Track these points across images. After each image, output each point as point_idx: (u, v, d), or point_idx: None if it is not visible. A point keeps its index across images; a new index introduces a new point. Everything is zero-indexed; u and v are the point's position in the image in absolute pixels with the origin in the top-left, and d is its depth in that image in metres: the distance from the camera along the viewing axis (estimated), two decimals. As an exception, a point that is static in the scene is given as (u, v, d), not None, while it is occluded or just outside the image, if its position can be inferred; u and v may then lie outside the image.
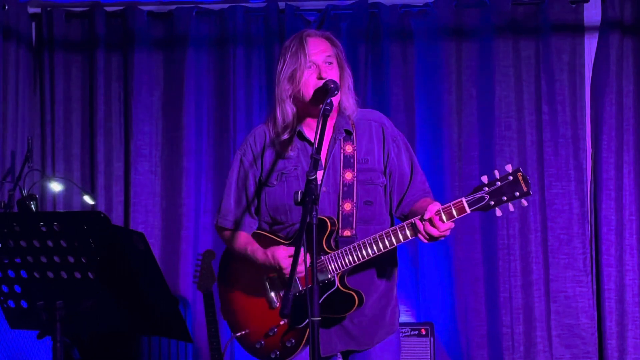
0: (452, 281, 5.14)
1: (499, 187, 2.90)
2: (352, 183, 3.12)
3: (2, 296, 2.77)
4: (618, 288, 5.07)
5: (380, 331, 3.21)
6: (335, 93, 3.00)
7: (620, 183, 5.09)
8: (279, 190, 3.17)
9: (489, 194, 2.91)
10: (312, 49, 3.08)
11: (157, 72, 5.36)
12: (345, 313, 3.09)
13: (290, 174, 3.16)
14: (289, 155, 3.17)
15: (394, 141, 3.23)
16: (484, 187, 2.93)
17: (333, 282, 3.06)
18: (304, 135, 3.16)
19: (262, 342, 3.18)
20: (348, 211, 3.11)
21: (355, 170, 3.14)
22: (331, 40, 3.15)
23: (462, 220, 5.01)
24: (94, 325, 2.81)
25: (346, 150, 3.15)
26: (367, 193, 3.15)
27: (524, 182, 2.89)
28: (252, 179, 3.25)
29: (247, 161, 3.26)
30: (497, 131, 5.14)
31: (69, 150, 5.36)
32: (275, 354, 3.15)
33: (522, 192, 2.89)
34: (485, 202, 2.92)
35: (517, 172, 2.90)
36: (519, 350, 5.10)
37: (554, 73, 5.16)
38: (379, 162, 3.19)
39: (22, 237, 2.61)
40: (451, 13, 5.19)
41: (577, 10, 5.17)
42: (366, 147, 3.19)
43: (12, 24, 5.19)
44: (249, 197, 3.26)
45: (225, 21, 5.27)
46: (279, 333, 3.14)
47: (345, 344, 3.19)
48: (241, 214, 3.28)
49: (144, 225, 5.25)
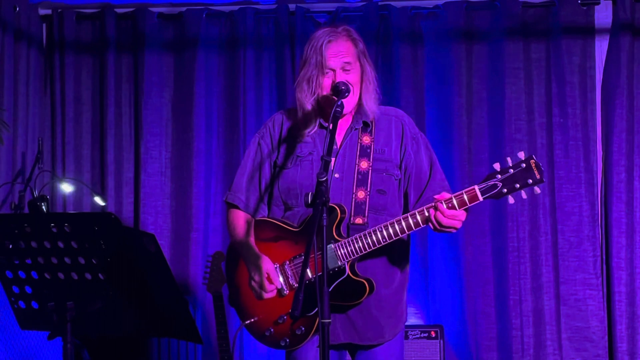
0: (461, 283, 5.13)
1: (511, 174, 2.89)
2: (367, 172, 3.14)
3: (13, 297, 2.78)
4: (628, 291, 5.05)
5: (387, 329, 3.21)
6: (345, 95, 3.03)
7: (631, 186, 5.07)
8: (292, 173, 3.20)
9: (501, 182, 2.90)
10: (330, 55, 3.10)
11: (168, 74, 5.37)
12: (355, 301, 3.08)
13: (305, 157, 3.20)
14: (306, 140, 3.21)
15: (414, 139, 3.25)
16: (496, 175, 2.91)
17: (343, 269, 3.06)
18: (323, 124, 3.20)
19: (272, 329, 3.18)
20: (361, 199, 3.12)
21: (372, 160, 3.15)
22: (353, 39, 3.17)
23: (471, 223, 5.09)
24: (104, 327, 2.81)
25: (364, 141, 3.18)
26: (381, 182, 3.16)
27: (537, 170, 2.87)
28: (267, 162, 3.28)
29: (265, 144, 3.30)
30: (507, 133, 5.13)
31: (79, 152, 5.37)
32: (285, 342, 3.15)
33: (535, 180, 2.87)
34: (497, 189, 2.90)
35: (529, 159, 2.89)
36: (528, 353, 5.08)
37: (564, 75, 5.14)
38: (395, 155, 3.20)
39: (33, 238, 2.62)
40: (461, 15, 5.18)
41: (587, 13, 5.15)
42: (384, 139, 3.21)
43: (23, 26, 5.21)
44: (263, 179, 3.29)
45: (235, 23, 5.28)
46: (289, 321, 3.14)
47: (350, 336, 3.18)
48: (251, 195, 3.30)
49: (154, 227, 5.26)
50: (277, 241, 3.20)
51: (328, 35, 3.13)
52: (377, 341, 3.21)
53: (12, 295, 2.78)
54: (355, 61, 3.14)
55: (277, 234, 3.21)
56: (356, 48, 3.16)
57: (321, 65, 3.09)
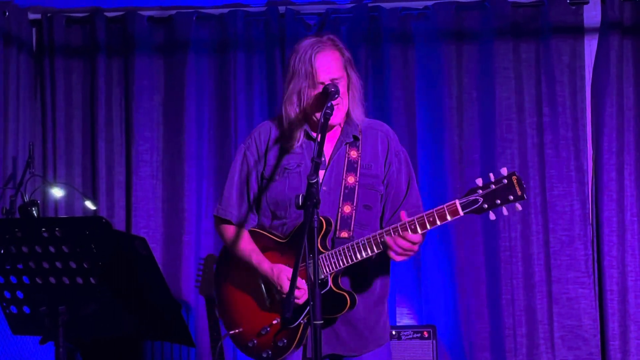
0: (454, 283, 5.14)
1: (492, 190, 2.89)
2: (354, 187, 3.14)
3: (5, 302, 2.78)
4: (620, 289, 5.06)
5: (371, 340, 3.22)
6: (335, 97, 3.01)
7: (621, 184, 5.09)
8: (280, 185, 3.20)
9: (482, 197, 2.90)
10: (320, 68, 3.08)
11: (158, 77, 5.36)
12: (337, 314, 3.09)
13: (292, 170, 3.19)
14: (294, 151, 3.20)
15: (397, 155, 3.26)
16: (478, 190, 2.92)
17: (326, 282, 3.06)
18: (310, 134, 3.19)
19: (255, 341, 3.18)
20: (347, 213, 3.12)
21: (358, 175, 3.15)
22: (339, 49, 3.16)
23: (463, 223, 5.10)
24: (96, 331, 2.81)
25: (351, 156, 3.18)
26: (367, 197, 3.17)
27: (518, 186, 2.87)
28: (254, 174, 3.27)
29: (251, 155, 3.28)
30: (498, 133, 5.14)
31: (70, 156, 5.36)
32: (267, 354, 3.15)
33: (517, 196, 2.87)
34: (478, 204, 2.91)
35: (512, 176, 2.89)
36: (521, 352, 5.09)
37: (554, 75, 5.16)
38: (381, 171, 3.21)
39: (24, 243, 2.62)
40: (451, 16, 5.19)
41: (577, 12, 5.17)
42: (371, 154, 3.22)
43: (12, 30, 5.20)
44: (251, 191, 3.28)
45: (225, 26, 5.28)
46: (272, 332, 3.15)
47: (332, 347, 3.18)
48: (242, 209, 3.29)
49: (146, 230, 5.25)
50: (264, 252, 3.21)
51: (315, 47, 3.10)
52: (360, 352, 3.22)
53: (3, 301, 2.78)
54: (343, 72, 3.13)
55: (265, 244, 3.21)
56: (343, 57, 3.15)
57: (312, 78, 3.08)
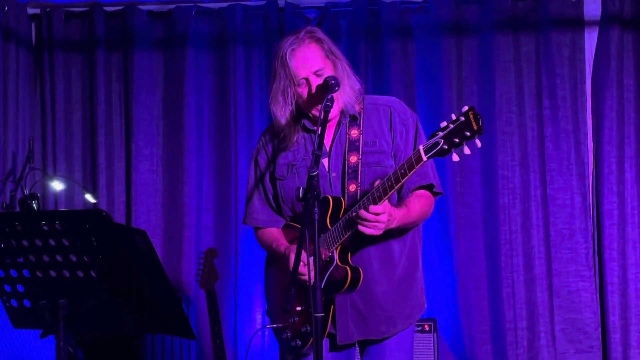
0: (454, 277, 5.14)
1: (451, 129, 2.78)
2: (356, 165, 3.11)
3: (5, 295, 2.78)
4: (621, 282, 5.06)
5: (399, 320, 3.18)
6: (336, 89, 2.98)
7: (622, 177, 5.08)
8: (291, 182, 3.20)
9: (442, 138, 2.80)
10: (298, 65, 3.05)
11: (158, 72, 5.36)
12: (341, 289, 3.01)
13: (299, 164, 3.19)
14: (295, 147, 3.20)
15: (404, 125, 3.20)
16: (438, 132, 2.82)
17: (333, 258, 3.03)
18: (308, 128, 3.19)
19: (288, 333, 3.17)
20: (352, 192, 3.10)
21: (361, 153, 3.12)
22: (317, 40, 3.11)
23: (463, 216, 5.09)
24: (97, 324, 2.81)
25: (352, 135, 3.15)
26: (373, 175, 3.11)
27: (474, 121, 2.74)
28: (267, 175, 3.28)
29: (262, 159, 3.30)
30: (498, 126, 5.13)
31: (70, 150, 5.36)
32: (296, 343, 3.13)
33: (473, 131, 2.75)
34: (439, 147, 2.80)
35: (468, 112, 2.77)
36: (522, 346, 5.09)
37: (554, 68, 5.15)
38: (387, 144, 3.16)
39: (24, 237, 2.61)
40: (451, 9, 5.18)
41: (577, 5, 5.16)
42: (375, 130, 3.17)
43: (11, 25, 5.19)
44: (269, 192, 3.29)
45: (224, 20, 5.27)
46: (299, 322, 3.13)
47: (362, 332, 3.16)
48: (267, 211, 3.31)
49: (146, 225, 5.25)
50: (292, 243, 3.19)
51: (291, 45, 3.07)
52: (390, 333, 3.18)
53: (4, 294, 2.78)
54: (325, 62, 3.08)
55: (294, 235, 3.20)
56: (322, 49, 3.09)
57: (291, 76, 3.05)
